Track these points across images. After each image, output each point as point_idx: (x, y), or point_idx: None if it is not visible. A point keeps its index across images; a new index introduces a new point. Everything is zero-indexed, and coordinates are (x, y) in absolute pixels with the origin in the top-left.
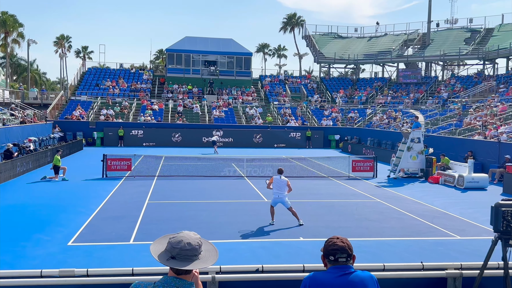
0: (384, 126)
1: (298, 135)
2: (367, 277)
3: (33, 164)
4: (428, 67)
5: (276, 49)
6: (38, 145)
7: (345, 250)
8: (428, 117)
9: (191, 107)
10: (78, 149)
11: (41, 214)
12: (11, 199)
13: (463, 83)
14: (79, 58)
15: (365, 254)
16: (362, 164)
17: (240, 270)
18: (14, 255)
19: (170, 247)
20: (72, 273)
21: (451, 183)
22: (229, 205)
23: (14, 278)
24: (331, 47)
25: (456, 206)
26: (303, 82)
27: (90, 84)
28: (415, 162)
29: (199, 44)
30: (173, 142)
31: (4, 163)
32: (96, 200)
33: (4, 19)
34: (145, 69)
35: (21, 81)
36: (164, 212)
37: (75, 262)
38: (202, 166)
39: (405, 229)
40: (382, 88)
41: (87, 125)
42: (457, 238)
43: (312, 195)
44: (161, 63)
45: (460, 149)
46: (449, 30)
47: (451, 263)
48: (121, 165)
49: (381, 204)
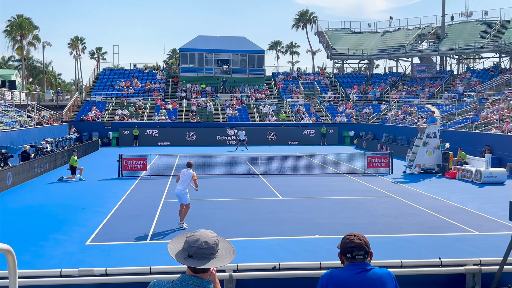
0: (399, 121)
1: (312, 132)
2: (385, 273)
3: (50, 164)
4: (443, 61)
5: (288, 46)
6: (54, 146)
7: (362, 247)
8: (444, 111)
9: (205, 106)
10: (94, 149)
11: (58, 214)
12: (30, 200)
13: (479, 76)
14: (93, 59)
15: (382, 251)
16: (378, 160)
17: (257, 268)
18: (33, 254)
19: (187, 246)
20: (91, 272)
21: (468, 178)
22: (244, 203)
23: (35, 277)
24: (344, 43)
25: (473, 201)
26: (316, 79)
27: (105, 85)
28: (431, 157)
29: (212, 43)
30: (187, 141)
31: (22, 164)
32: (112, 199)
33: (19, 22)
34: (158, 69)
35: (36, 83)
36: None
37: (93, 261)
38: (216, 164)
39: (422, 225)
40: (397, 83)
41: (103, 125)
42: (475, 234)
43: (328, 192)
44: (174, 62)
45: (477, 143)
46: (464, 23)
47: (469, 259)
48: (137, 165)
49: (397, 200)
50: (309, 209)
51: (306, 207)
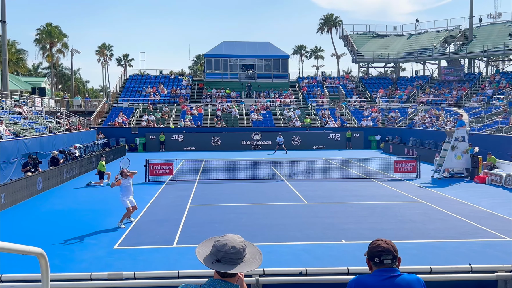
0: (426, 125)
1: (338, 136)
2: (414, 280)
3: (78, 170)
4: (471, 63)
5: (313, 50)
6: (83, 151)
7: (391, 251)
8: (473, 115)
9: (230, 111)
10: (121, 154)
11: (87, 218)
12: (59, 204)
13: (509, 79)
14: (120, 66)
15: (410, 256)
16: (405, 164)
17: (284, 273)
18: (63, 258)
19: (215, 250)
20: (120, 276)
21: (498, 183)
22: (269, 208)
23: (66, 281)
24: (369, 46)
25: (504, 206)
26: (341, 82)
27: (132, 91)
28: (460, 162)
29: (236, 49)
30: (212, 146)
31: (51, 170)
32: (139, 204)
33: (49, 31)
34: (184, 75)
35: (65, 90)
36: (205, 215)
37: (121, 265)
38: (241, 169)
39: (450, 230)
40: (424, 87)
41: (130, 131)
42: (506, 240)
43: (354, 197)
44: (199, 68)
45: (507, 147)
46: (493, 25)
47: (501, 265)
48: (163, 170)
49: (425, 205)
50: (335, 214)
51: (332, 212)
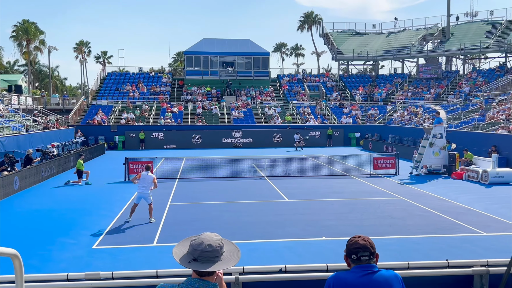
0: (405, 122)
1: (318, 134)
2: (392, 276)
3: (56, 168)
4: (448, 61)
5: (293, 48)
6: (61, 150)
7: (367, 248)
8: (450, 112)
9: (210, 108)
10: (100, 152)
11: (65, 218)
12: (37, 204)
13: (485, 76)
14: (98, 63)
15: (389, 252)
16: (384, 161)
17: (263, 271)
18: (41, 258)
19: (192, 249)
20: (97, 276)
21: (475, 179)
22: (251, 205)
23: (42, 282)
24: (349, 44)
25: (481, 201)
26: (321, 80)
27: (111, 88)
28: (438, 158)
29: (217, 46)
30: (193, 144)
31: (28, 168)
32: (119, 203)
33: (25, 27)
34: (164, 72)
35: (43, 87)
36: (186, 213)
37: (100, 264)
38: (222, 167)
39: (429, 226)
40: (402, 84)
41: (109, 129)
42: (483, 235)
43: (334, 194)
44: (179, 65)
45: (484, 144)
46: (469, 23)
47: (477, 260)
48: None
49: (404, 201)
50: (316, 211)
51: (313, 209)
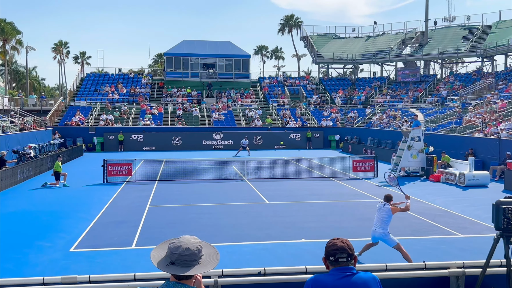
0: (384, 125)
1: (298, 136)
2: (370, 278)
3: (33, 170)
4: (426, 65)
5: (274, 51)
6: (38, 152)
7: (345, 249)
8: (428, 115)
9: (191, 110)
10: (78, 154)
11: (42, 220)
12: (12, 206)
13: (462, 81)
14: (77, 64)
15: (368, 254)
16: (363, 163)
17: (242, 273)
18: (17, 262)
19: (170, 252)
20: (74, 279)
21: (452, 181)
22: (231, 208)
23: (16, 286)
24: (329, 47)
25: (457, 204)
26: (302, 83)
27: (89, 89)
28: (416, 161)
29: (197, 48)
30: (173, 146)
31: (4, 170)
32: (97, 205)
33: (2, 27)
34: (143, 73)
35: (20, 88)
36: (165, 216)
37: (77, 268)
38: (202, 169)
39: (407, 228)
40: (381, 88)
41: (87, 131)
42: (459, 236)
43: (314, 196)
44: (159, 67)
45: (461, 147)
46: (447, 28)
47: (453, 262)
48: (122, 170)
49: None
50: (296, 213)
51: (293, 211)
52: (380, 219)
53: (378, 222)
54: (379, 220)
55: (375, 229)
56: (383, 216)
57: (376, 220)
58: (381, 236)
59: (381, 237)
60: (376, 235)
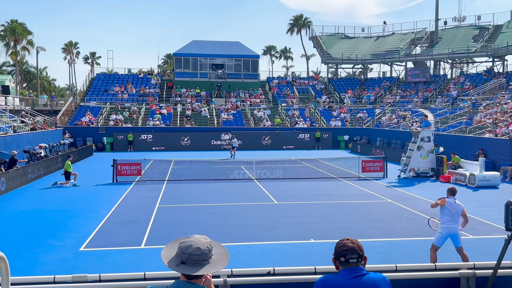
0: (393, 126)
1: (307, 136)
2: (380, 278)
3: (44, 170)
4: (436, 65)
5: (283, 51)
6: (48, 151)
7: (356, 250)
8: (438, 116)
9: (200, 110)
10: (88, 154)
11: (53, 219)
12: (23, 205)
13: (473, 81)
14: (87, 64)
15: (377, 255)
16: (372, 164)
17: (252, 273)
18: (28, 261)
19: (180, 252)
20: (85, 278)
21: (462, 182)
22: (239, 208)
23: (28, 284)
24: (338, 47)
25: (467, 204)
26: (310, 83)
27: (99, 90)
28: (426, 161)
29: (206, 48)
30: (182, 146)
31: (15, 170)
32: (107, 205)
33: (13, 28)
34: (153, 74)
35: (30, 88)
36: (174, 215)
37: (87, 267)
38: (211, 169)
39: (417, 229)
40: (391, 88)
41: (97, 130)
42: (470, 237)
43: (323, 196)
44: (168, 67)
45: (471, 147)
46: (457, 27)
47: (464, 263)
48: (131, 170)
49: (392, 204)
50: (304, 213)
51: (301, 211)
52: (454, 214)
53: (452, 217)
54: (453, 215)
55: (450, 225)
56: (457, 211)
57: (449, 216)
58: (457, 232)
59: (458, 233)
60: (452, 231)
